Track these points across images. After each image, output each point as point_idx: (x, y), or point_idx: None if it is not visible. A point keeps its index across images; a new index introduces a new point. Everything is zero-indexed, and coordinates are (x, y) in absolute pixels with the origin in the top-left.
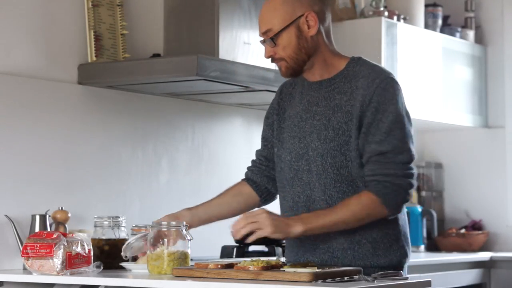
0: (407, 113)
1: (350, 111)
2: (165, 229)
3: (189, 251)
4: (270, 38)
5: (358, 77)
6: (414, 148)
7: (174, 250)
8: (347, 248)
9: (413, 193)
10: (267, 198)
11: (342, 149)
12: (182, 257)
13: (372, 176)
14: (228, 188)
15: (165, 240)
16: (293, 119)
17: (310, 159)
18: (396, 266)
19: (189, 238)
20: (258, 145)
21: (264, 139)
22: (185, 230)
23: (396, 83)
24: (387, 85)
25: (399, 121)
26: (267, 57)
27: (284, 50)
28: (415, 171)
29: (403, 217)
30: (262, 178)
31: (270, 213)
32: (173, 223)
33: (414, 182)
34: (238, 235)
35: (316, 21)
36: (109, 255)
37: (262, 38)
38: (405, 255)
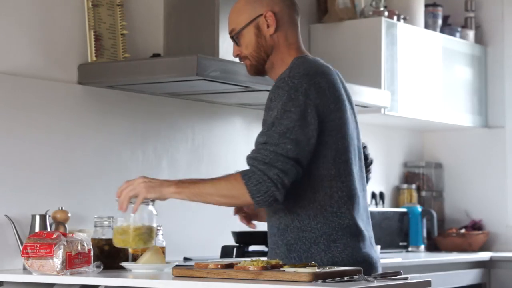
0: (303, 112)
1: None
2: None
3: (154, 225)
4: (233, 37)
5: None
6: (299, 149)
7: (140, 225)
8: (270, 248)
9: (413, 193)
10: None
11: None
12: (148, 232)
13: (247, 157)
14: None
15: (132, 215)
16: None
17: None
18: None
19: (155, 213)
20: None
21: None
22: (152, 205)
23: (292, 81)
24: (282, 83)
25: (286, 118)
26: (235, 55)
27: (246, 48)
28: (288, 167)
29: (335, 219)
30: None
31: (146, 178)
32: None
33: (285, 177)
34: (123, 208)
35: (274, 20)
36: (109, 255)
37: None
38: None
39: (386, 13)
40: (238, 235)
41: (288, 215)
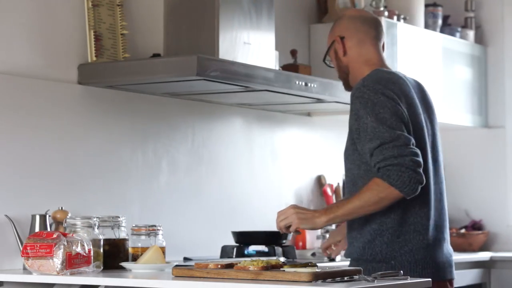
0: (392, 107)
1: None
2: None
3: None
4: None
5: None
6: (407, 131)
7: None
8: (349, 242)
9: None
10: None
11: (346, 153)
12: None
13: (375, 164)
14: None
15: None
16: None
17: None
18: (384, 259)
19: None
20: (258, 145)
21: None
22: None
23: (368, 89)
24: (360, 93)
25: (381, 118)
26: None
27: (335, 68)
28: (413, 149)
29: (404, 217)
30: None
31: (297, 208)
32: None
33: (416, 158)
34: (280, 230)
35: (341, 45)
36: (109, 255)
37: None
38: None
39: (386, 13)
40: (238, 235)
41: None
